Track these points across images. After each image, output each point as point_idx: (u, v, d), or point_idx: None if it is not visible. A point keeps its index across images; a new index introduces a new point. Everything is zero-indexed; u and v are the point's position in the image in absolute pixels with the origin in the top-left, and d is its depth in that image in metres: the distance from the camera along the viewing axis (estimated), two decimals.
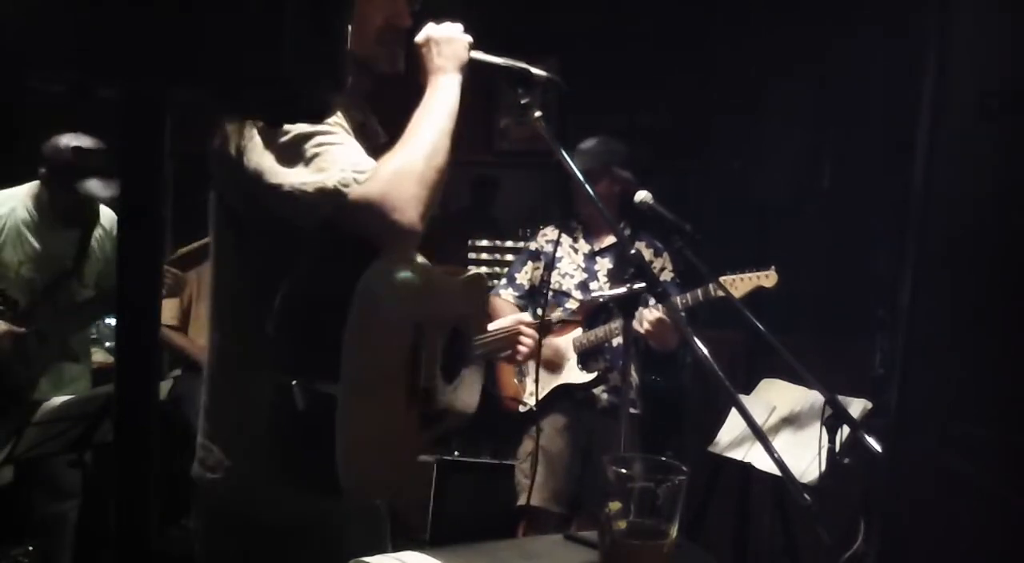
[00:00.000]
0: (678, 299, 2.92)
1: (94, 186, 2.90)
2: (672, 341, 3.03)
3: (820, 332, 3.71)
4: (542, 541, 1.37)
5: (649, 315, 2.96)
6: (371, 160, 1.37)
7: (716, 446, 2.97)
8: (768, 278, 2.89)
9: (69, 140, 2.93)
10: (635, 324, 3.04)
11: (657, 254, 3.29)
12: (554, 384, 3.22)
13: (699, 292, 2.90)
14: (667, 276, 3.27)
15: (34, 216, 3.01)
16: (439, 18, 1.54)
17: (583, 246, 3.33)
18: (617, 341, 3.13)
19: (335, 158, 1.33)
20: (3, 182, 3.08)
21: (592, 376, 3.20)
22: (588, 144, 3.28)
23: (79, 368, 3.17)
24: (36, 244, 2.99)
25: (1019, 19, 0.81)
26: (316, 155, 1.33)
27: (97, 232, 3.13)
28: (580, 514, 3.20)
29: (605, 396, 3.23)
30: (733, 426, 2.95)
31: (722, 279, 2.85)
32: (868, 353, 3.09)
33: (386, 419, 1.39)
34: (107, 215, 3.14)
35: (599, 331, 3.17)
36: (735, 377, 3.55)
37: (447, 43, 1.50)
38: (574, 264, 3.31)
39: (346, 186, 1.31)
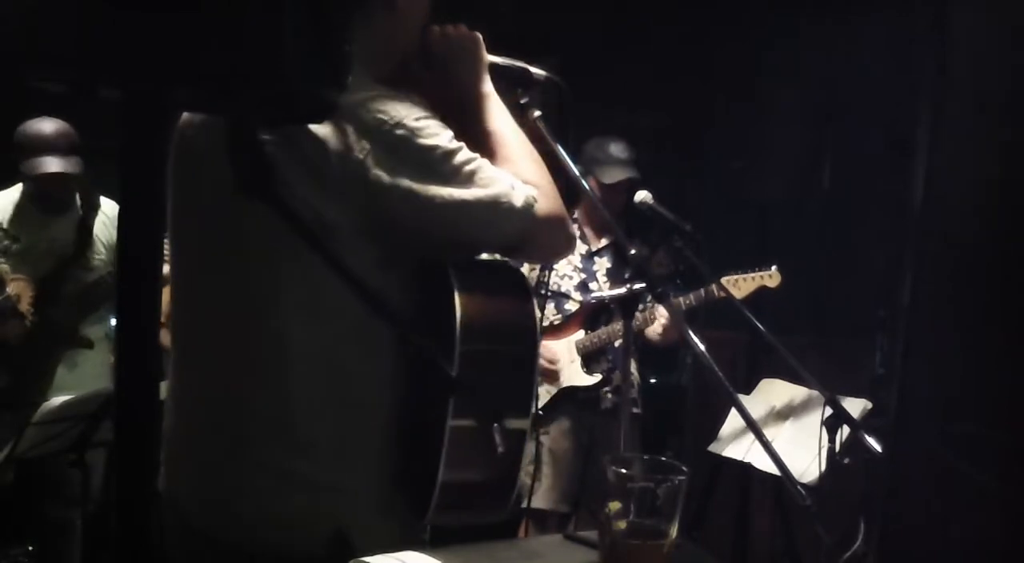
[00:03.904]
0: (681, 300, 2.91)
1: (40, 164, 2.87)
2: (674, 338, 3.04)
3: (820, 332, 3.71)
4: (542, 541, 1.37)
5: (659, 321, 2.97)
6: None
7: (716, 446, 2.96)
8: (771, 278, 2.87)
9: (23, 126, 2.90)
10: (649, 333, 3.05)
11: (652, 251, 3.28)
12: (558, 388, 3.21)
13: (702, 292, 2.89)
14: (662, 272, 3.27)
15: (17, 210, 3.02)
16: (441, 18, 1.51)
17: (580, 246, 3.32)
18: (620, 341, 3.12)
19: (493, 173, 1.25)
20: (3, 182, 3.08)
21: (597, 379, 3.20)
22: (623, 152, 3.24)
23: (93, 354, 3.14)
24: (22, 238, 3.00)
25: (1019, 19, 0.81)
26: (475, 170, 1.23)
27: (100, 218, 3.11)
28: (579, 512, 3.20)
29: (609, 397, 3.22)
30: (733, 426, 2.95)
31: (724, 279, 2.83)
32: (868, 353, 3.09)
33: None
34: (108, 203, 3.13)
35: (601, 333, 3.16)
36: (735, 377, 3.55)
37: (478, 54, 1.41)
38: (571, 265, 3.30)
39: (532, 202, 1.25)
